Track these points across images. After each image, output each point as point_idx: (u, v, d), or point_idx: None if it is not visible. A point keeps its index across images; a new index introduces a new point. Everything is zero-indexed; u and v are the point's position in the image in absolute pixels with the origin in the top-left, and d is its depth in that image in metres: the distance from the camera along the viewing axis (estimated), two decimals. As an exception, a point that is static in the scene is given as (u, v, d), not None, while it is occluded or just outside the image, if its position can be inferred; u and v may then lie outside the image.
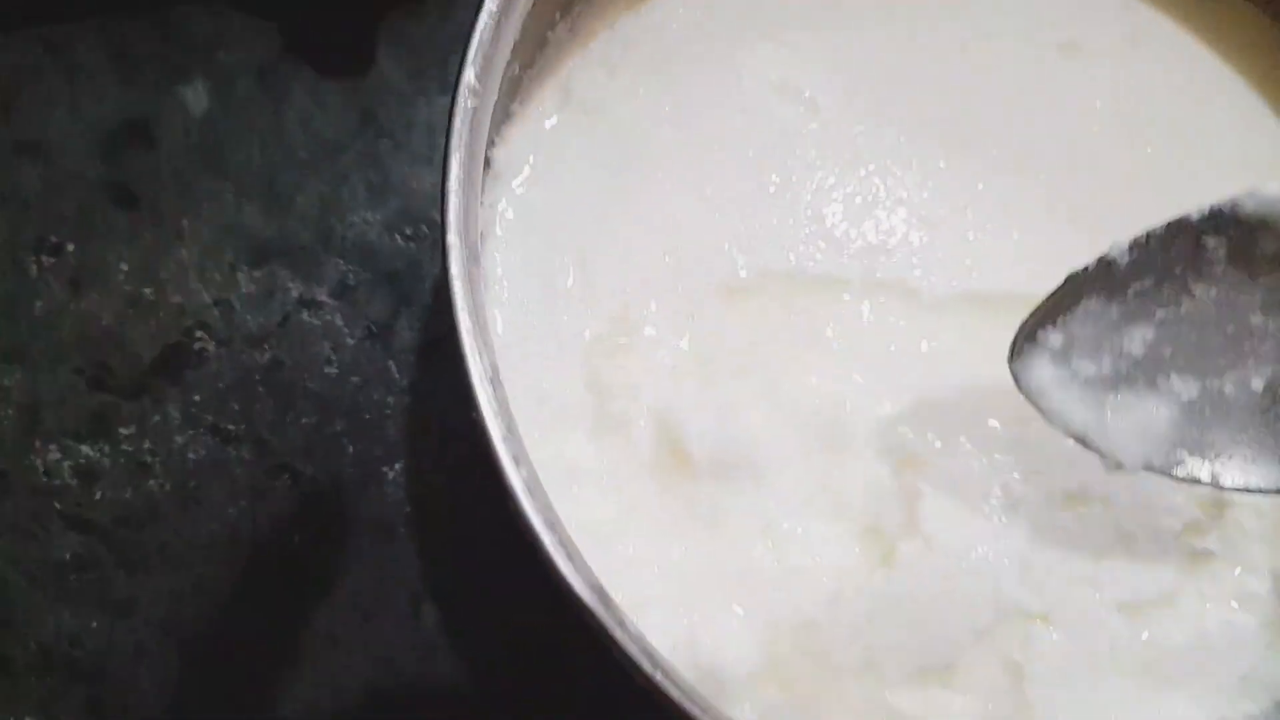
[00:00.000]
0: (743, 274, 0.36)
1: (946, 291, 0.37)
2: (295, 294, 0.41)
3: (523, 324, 0.35)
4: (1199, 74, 0.40)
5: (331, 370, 0.40)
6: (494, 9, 0.28)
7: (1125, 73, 0.40)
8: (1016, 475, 0.35)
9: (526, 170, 0.36)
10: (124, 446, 0.39)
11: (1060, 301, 0.30)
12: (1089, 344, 0.30)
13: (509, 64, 0.30)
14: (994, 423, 0.36)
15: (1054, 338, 0.30)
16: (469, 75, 0.26)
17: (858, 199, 0.37)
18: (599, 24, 0.38)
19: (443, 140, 0.43)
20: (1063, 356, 0.30)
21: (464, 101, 0.26)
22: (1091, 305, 0.30)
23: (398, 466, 0.40)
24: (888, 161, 0.38)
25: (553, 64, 0.37)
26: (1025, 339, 0.30)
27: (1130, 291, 0.29)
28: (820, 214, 0.37)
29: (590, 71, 0.38)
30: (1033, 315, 0.30)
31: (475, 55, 0.26)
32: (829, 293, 0.36)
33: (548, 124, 0.36)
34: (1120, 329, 0.30)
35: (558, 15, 0.37)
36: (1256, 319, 0.29)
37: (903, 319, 0.36)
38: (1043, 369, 0.31)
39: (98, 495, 0.39)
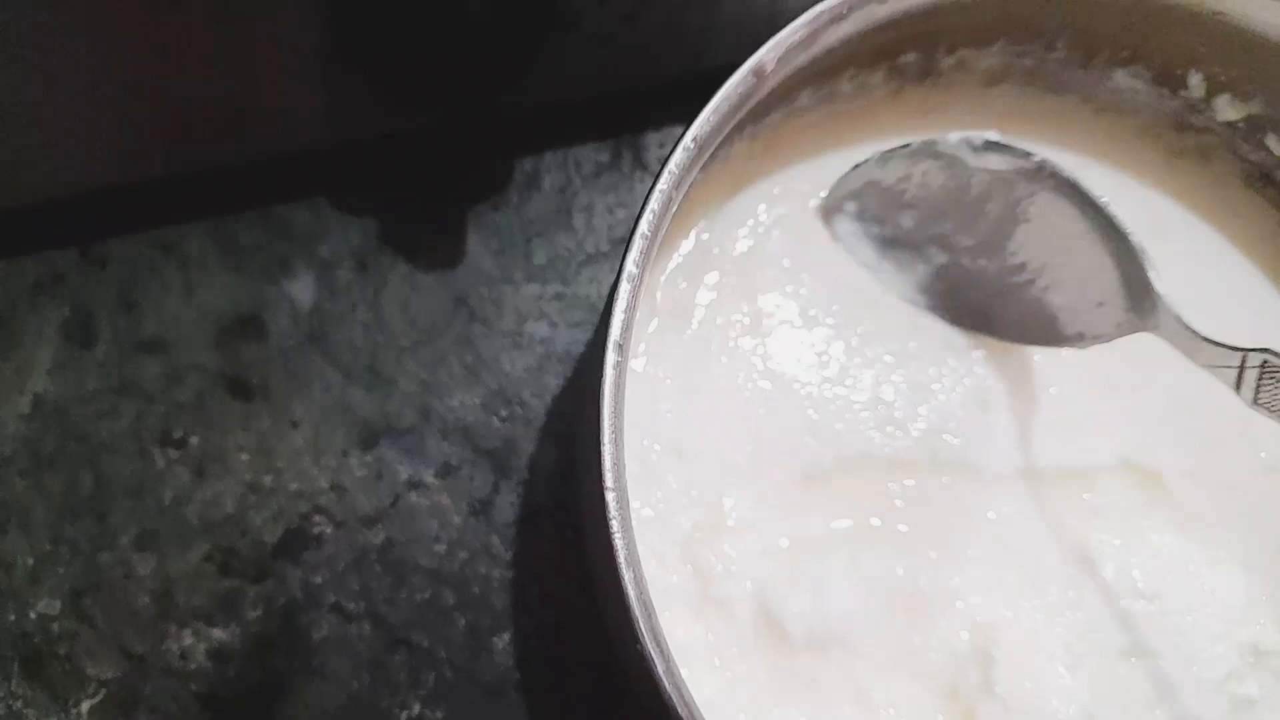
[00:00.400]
0: (821, 461, 0.40)
1: (1003, 468, 0.41)
2: (404, 476, 0.44)
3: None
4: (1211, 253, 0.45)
5: (440, 547, 0.44)
6: (634, 273, 0.31)
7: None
8: (1076, 636, 0.39)
9: (631, 374, 0.40)
10: (253, 629, 0.42)
11: (851, 184, 0.41)
12: (875, 215, 0.42)
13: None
14: (1053, 589, 0.40)
15: (850, 207, 0.42)
16: (611, 356, 0.29)
17: (919, 387, 0.41)
18: (679, 236, 0.42)
19: (530, 324, 0.47)
20: (857, 218, 0.42)
21: (610, 372, 0.29)
22: (872, 191, 0.41)
23: (505, 636, 0.43)
24: (941, 352, 0.42)
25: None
26: (831, 205, 0.42)
27: (894, 188, 0.41)
28: (887, 403, 0.41)
29: (673, 280, 0.41)
30: (834, 191, 0.42)
31: (619, 333, 0.30)
32: (899, 474, 0.40)
33: (650, 326, 0.40)
34: (895, 209, 0.41)
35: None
36: (977, 219, 0.41)
37: (967, 494, 0.40)
38: (844, 224, 0.42)
39: (230, 675, 0.42)
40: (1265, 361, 0.34)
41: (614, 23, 0.44)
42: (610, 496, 0.29)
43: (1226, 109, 0.41)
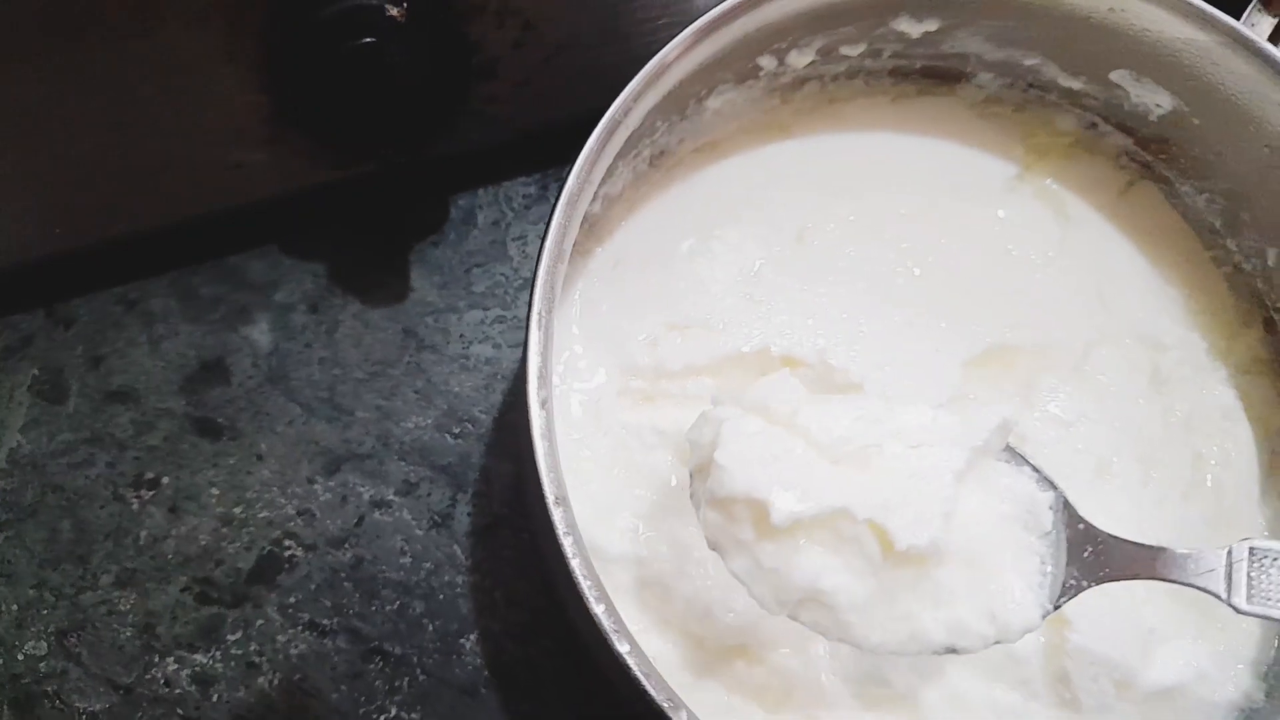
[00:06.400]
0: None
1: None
2: (367, 496, 0.47)
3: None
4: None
5: (406, 560, 0.47)
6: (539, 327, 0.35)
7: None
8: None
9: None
10: (233, 651, 0.45)
11: None
12: None
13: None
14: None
15: None
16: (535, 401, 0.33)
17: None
18: (595, 243, 0.46)
19: (475, 347, 0.50)
20: None
21: (538, 421, 0.33)
22: None
23: (472, 636, 0.46)
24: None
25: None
26: None
27: None
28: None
29: (590, 281, 0.46)
30: None
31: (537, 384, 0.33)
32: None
33: (574, 329, 0.44)
34: None
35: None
36: None
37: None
38: None
39: (215, 698, 0.44)
40: (1252, 550, 0.34)
41: (531, 67, 0.48)
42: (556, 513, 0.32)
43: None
